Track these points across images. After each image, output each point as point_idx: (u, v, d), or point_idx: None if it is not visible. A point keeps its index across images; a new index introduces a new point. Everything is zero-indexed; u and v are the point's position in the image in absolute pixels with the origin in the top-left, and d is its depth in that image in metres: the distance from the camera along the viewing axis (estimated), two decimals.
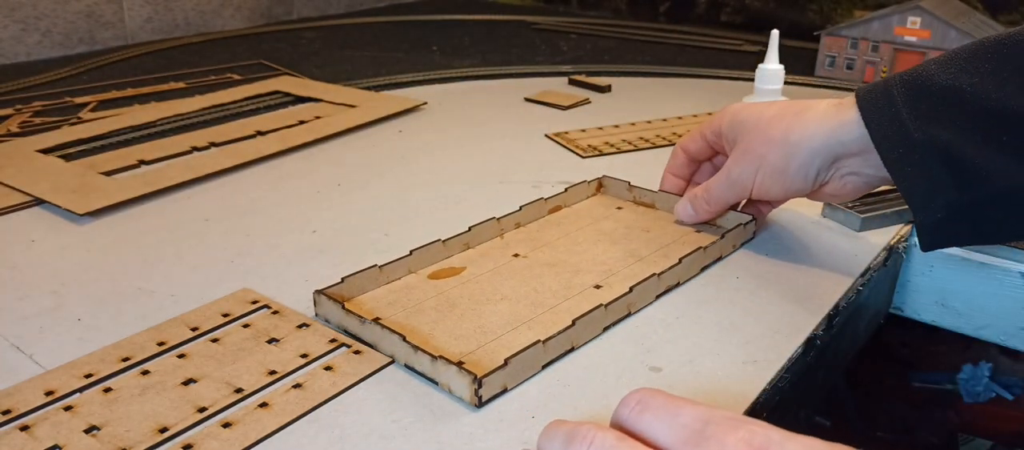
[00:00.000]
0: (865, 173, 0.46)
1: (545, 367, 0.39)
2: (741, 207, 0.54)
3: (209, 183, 0.64)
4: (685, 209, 0.53)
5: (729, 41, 1.19)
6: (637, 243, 0.52)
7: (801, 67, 0.99)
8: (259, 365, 0.39)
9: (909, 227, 0.56)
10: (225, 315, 0.44)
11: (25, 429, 0.35)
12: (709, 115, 0.81)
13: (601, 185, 0.61)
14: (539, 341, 0.38)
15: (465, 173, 0.66)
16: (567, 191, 0.58)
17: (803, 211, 0.58)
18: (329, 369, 0.39)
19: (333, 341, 0.41)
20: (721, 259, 0.51)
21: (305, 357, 0.40)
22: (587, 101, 0.88)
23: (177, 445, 0.34)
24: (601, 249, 0.51)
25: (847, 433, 0.89)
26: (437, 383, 0.38)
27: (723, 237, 0.50)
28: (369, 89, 0.92)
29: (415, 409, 0.36)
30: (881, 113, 0.43)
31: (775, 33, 0.65)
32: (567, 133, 0.76)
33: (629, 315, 0.44)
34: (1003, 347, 0.59)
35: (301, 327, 0.43)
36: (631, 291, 0.43)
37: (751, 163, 0.48)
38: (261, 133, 0.75)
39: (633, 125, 0.78)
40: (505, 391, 0.37)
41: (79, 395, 0.37)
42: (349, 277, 0.45)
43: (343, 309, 0.42)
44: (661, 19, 1.41)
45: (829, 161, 0.46)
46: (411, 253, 0.48)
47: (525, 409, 0.36)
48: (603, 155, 0.70)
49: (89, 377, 0.38)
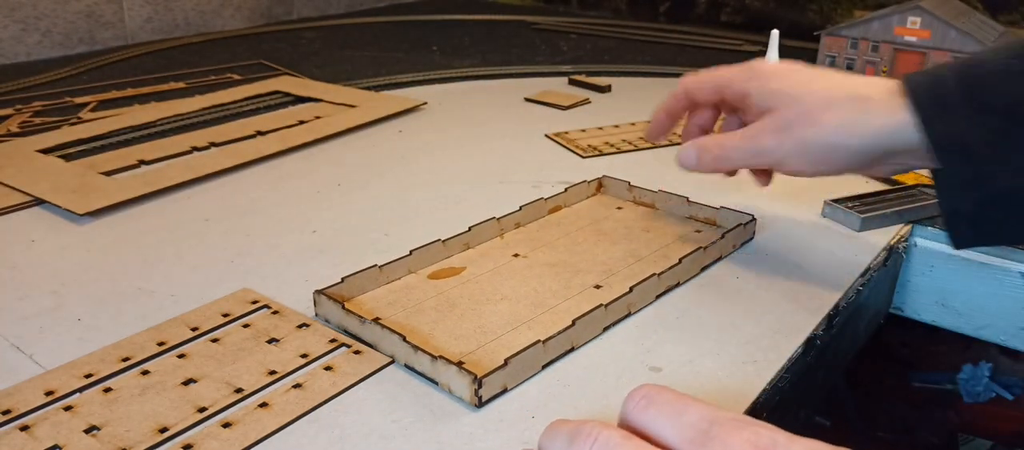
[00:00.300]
0: (914, 164, 0.44)
1: (545, 367, 0.39)
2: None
3: (209, 183, 0.64)
4: (689, 156, 0.48)
5: (729, 41, 1.19)
6: (637, 243, 0.52)
7: None
8: (259, 365, 0.39)
9: (909, 227, 0.56)
10: (225, 315, 0.44)
11: (25, 429, 0.35)
12: None
13: (601, 185, 0.61)
14: (539, 341, 0.38)
15: (465, 173, 0.66)
16: (567, 191, 0.58)
17: (803, 211, 0.58)
18: (329, 369, 0.39)
19: (333, 341, 0.41)
20: (721, 259, 0.51)
21: (305, 357, 0.40)
22: (587, 101, 0.88)
23: (177, 445, 0.34)
24: (601, 249, 0.51)
25: (847, 433, 0.89)
26: (437, 383, 0.38)
27: (723, 237, 0.50)
28: (369, 89, 0.92)
29: (415, 409, 0.36)
30: (942, 121, 0.40)
31: (775, 33, 0.65)
32: (567, 133, 0.76)
33: (629, 315, 0.44)
34: (1003, 347, 0.59)
35: (301, 327, 0.43)
36: (631, 291, 0.43)
37: (788, 142, 0.43)
38: (261, 133, 0.75)
39: (633, 125, 0.78)
40: (505, 391, 0.37)
41: (79, 395, 0.37)
42: (349, 277, 0.45)
43: (343, 309, 0.42)
44: (661, 19, 1.41)
45: (879, 157, 0.43)
46: (411, 253, 0.48)
47: (525, 409, 0.36)
48: (603, 155, 0.70)
49: (89, 377, 0.38)
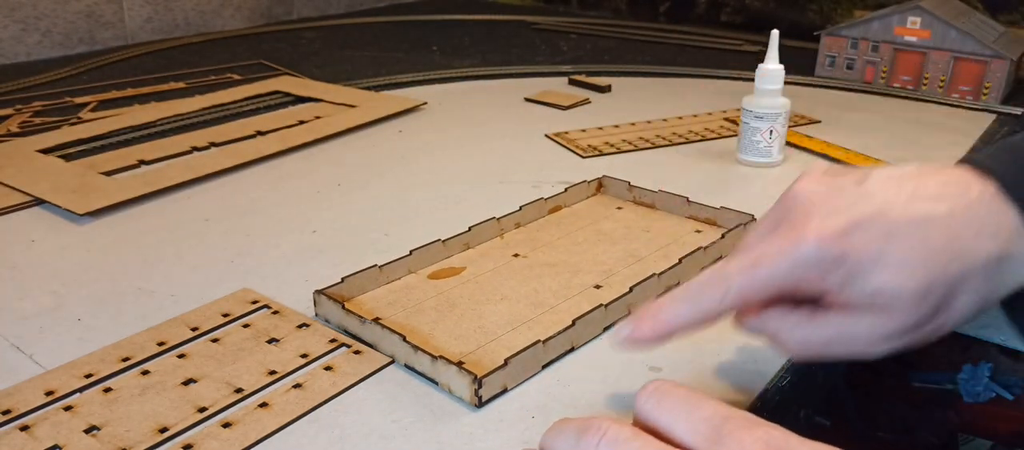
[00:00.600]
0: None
1: (545, 367, 0.39)
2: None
3: (209, 183, 0.64)
4: (808, 345, 0.33)
5: (729, 41, 1.19)
6: (637, 243, 0.52)
7: (801, 67, 0.99)
8: (259, 365, 0.39)
9: None
10: (225, 315, 0.44)
11: (25, 429, 0.35)
12: (709, 115, 0.81)
13: (601, 185, 0.61)
14: (539, 341, 0.38)
15: (465, 173, 0.66)
16: (567, 191, 0.58)
17: None
18: (329, 369, 0.39)
19: (333, 341, 0.41)
20: (721, 259, 0.51)
21: (305, 357, 0.40)
22: (587, 101, 0.88)
23: (177, 445, 0.34)
24: (601, 249, 0.51)
25: (847, 433, 0.89)
26: (437, 383, 0.38)
27: (723, 237, 0.50)
28: (369, 89, 0.92)
29: (415, 409, 0.36)
30: None
31: (775, 33, 0.65)
32: (567, 133, 0.76)
33: (629, 315, 0.44)
34: (1003, 347, 0.59)
35: (301, 327, 0.43)
36: (631, 291, 0.43)
37: (915, 338, 0.32)
38: (261, 133, 0.75)
39: (633, 125, 0.78)
40: (505, 391, 0.37)
41: (79, 395, 0.37)
42: (349, 277, 0.45)
43: (343, 309, 0.42)
44: (661, 19, 1.41)
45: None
46: (411, 253, 0.48)
47: (525, 409, 0.36)
48: (603, 155, 0.70)
49: (89, 377, 0.38)
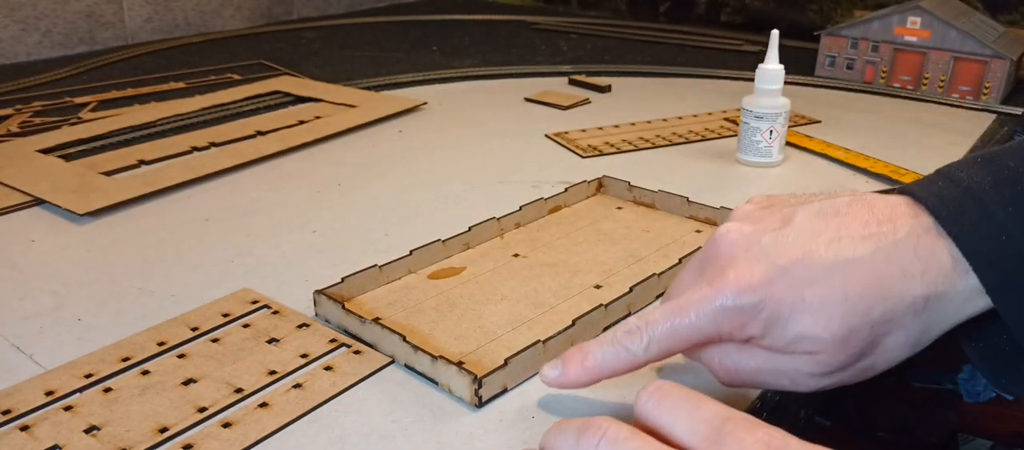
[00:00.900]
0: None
1: None
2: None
3: (209, 183, 0.64)
4: (734, 378, 0.35)
5: (729, 41, 1.19)
6: (637, 243, 0.52)
7: (801, 67, 0.99)
8: (259, 365, 0.39)
9: None
10: (225, 315, 0.44)
11: (25, 429, 0.35)
12: (709, 115, 0.81)
13: (601, 185, 0.61)
14: (539, 341, 0.38)
15: (465, 173, 0.66)
16: (567, 191, 0.58)
17: None
18: (329, 369, 0.39)
19: (333, 341, 0.41)
20: None
21: (305, 357, 0.40)
22: (587, 101, 0.88)
23: (177, 445, 0.34)
24: (601, 249, 0.51)
25: (847, 433, 0.89)
26: (437, 383, 0.38)
27: None
28: (369, 89, 0.92)
29: (415, 409, 0.36)
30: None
31: (775, 33, 0.65)
32: (567, 133, 0.76)
33: (629, 315, 0.44)
34: None
35: (301, 327, 0.43)
36: (631, 291, 0.43)
37: (845, 377, 0.36)
38: (261, 133, 0.75)
39: (633, 125, 0.78)
40: (505, 391, 0.37)
41: (79, 395, 0.37)
42: (349, 277, 0.45)
43: (343, 309, 0.42)
44: (661, 19, 1.41)
45: None
46: (411, 253, 0.48)
47: (525, 409, 0.36)
48: (603, 155, 0.70)
49: (89, 377, 0.38)
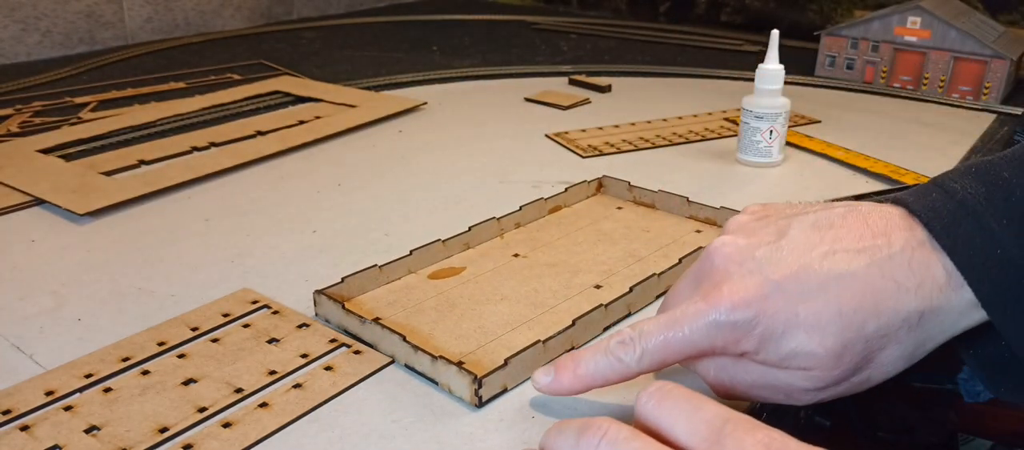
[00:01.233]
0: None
1: None
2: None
3: (209, 183, 0.64)
4: (730, 392, 0.35)
5: (729, 41, 1.19)
6: (637, 243, 0.52)
7: (801, 67, 0.99)
8: (259, 365, 0.39)
9: None
10: (225, 315, 0.44)
11: (25, 429, 0.35)
12: (709, 115, 0.81)
13: (601, 185, 0.61)
14: (539, 341, 0.38)
15: (465, 173, 0.66)
16: (567, 191, 0.58)
17: None
18: (329, 369, 0.39)
19: (333, 341, 0.41)
20: None
21: (305, 357, 0.40)
22: (587, 101, 0.88)
23: (177, 445, 0.34)
24: (601, 249, 0.51)
25: (847, 433, 0.89)
26: (437, 383, 0.38)
27: None
28: (369, 89, 0.92)
29: (415, 409, 0.36)
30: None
31: (775, 33, 0.65)
32: (567, 133, 0.76)
33: (629, 315, 0.44)
34: None
35: (301, 327, 0.43)
36: (631, 291, 0.43)
37: (838, 391, 0.34)
38: (261, 133, 0.75)
39: (633, 125, 0.78)
40: (505, 391, 0.37)
41: (79, 395, 0.37)
42: (349, 277, 0.45)
43: (343, 309, 0.42)
44: (661, 19, 1.41)
45: None
46: (411, 253, 0.48)
47: (525, 409, 0.36)
48: (603, 155, 0.70)
49: (89, 377, 0.38)
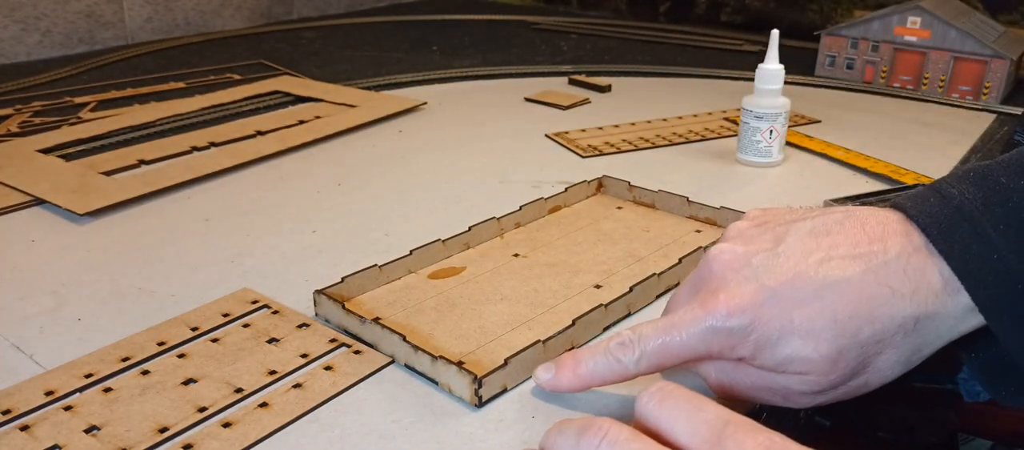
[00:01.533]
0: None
1: None
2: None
3: (209, 183, 0.64)
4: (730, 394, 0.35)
5: (729, 41, 1.19)
6: (637, 243, 0.52)
7: (801, 67, 0.99)
8: (259, 365, 0.39)
9: None
10: (225, 315, 0.44)
11: (25, 429, 0.35)
12: (709, 115, 0.81)
13: (601, 185, 0.61)
14: (539, 341, 0.38)
15: (465, 173, 0.66)
16: (567, 191, 0.58)
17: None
18: (329, 369, 0.39)
19: (333, 341, 0.41)
20: None
21: (305, 357, 0.40)
22: (587, 101, 0.88)
23: (177, 445, 0.34)
24: (601, 249, 0.51)
25: (847, 433, 0.89)
26: (437, 383, 0.38)
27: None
28: (369, 89, 0.92)
29: (415, 409, 0.36)
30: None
31: (775, 33, 0.65)
32: (567, 133, 0.76)
33: (629, 315, 0.44)
34: None
35: (301, 327, 0.43)
36: (631, 291, 0.43)
37: (837, 394, 0.34)
38: (261, 133, 0.75)
39: (633, 125, 0.78)
40: (505, 391, 0.37)
41: (79, 395, 0.37)
42: (349, 277, 0.45)
43: (343, 309, 0.42)
44: (661, 19, 1.41)
45: None
46: (411, 253, 0.48)
47: (525, 409, 0.36)
48: (603, 155, 0.70)
49: (89, 377, 0.38)
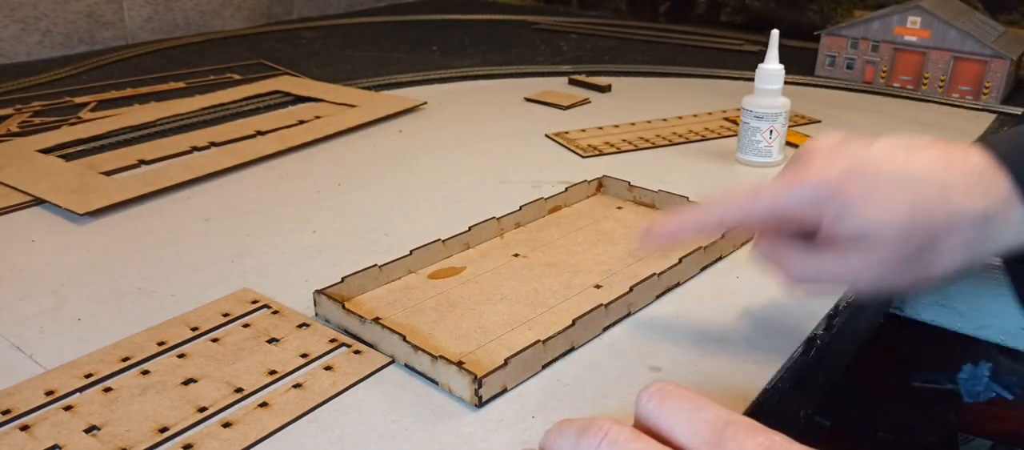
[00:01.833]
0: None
1: (545, 367, 0.39)
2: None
3: (209, 183, 0.64)
4: (800, 272, 0.39)
5: (729, 41, 1.19)
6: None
7: (801, 67, 0.99)
8: (259, 365, 0.39)
9: None
10: (225, 315, 0.44)
11: (25, 429, 0.35)
12: (709, 115, 0.81)
13: (601, 185, 0.61)
14: (539, 341, 0.38)
15: (465, 173, 0.66)
16: (567, 191, 0.58)
17: None
18: (329, 369, 0.39)
19: (333, 341, 0.41)
20: (721, 259, 0.51)
21: (305, 357, 0.40)
22: (587, 101, 0.88)
23: (177, 445, 0.34)
24: (601, 249, 0.51)
25: (847, 433, 0.89)
26: (437, 383, 0.38)
27: (723, 237, 0.50)
28: (369, 89, 0.92)
29: (415, 409, 0.36)
30: None
31: (775, 33, 0.65)
32: (567, 133, 0.76)
33: (629, 315, 0.44)
34: (1003, 347, 0.59)
35: (301, 327, 0.43)
36: (631, 291, 0.43)
37: (902, 275, 0.37)
38: (261, 133, 0.75)
39: (633, 125, 0.78)
40: (505, 391, 0.37)
41: (79, 395, 0.37)
42: (349, 277, 0.45)
43: (343, 309, 0.42)
44: (661, 19, 1.41)
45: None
46: (411, 253, 0.48)
47: (525, 409, 0.36)
48: (603, 155, 0.70)
49: (89, 377, 0.38)
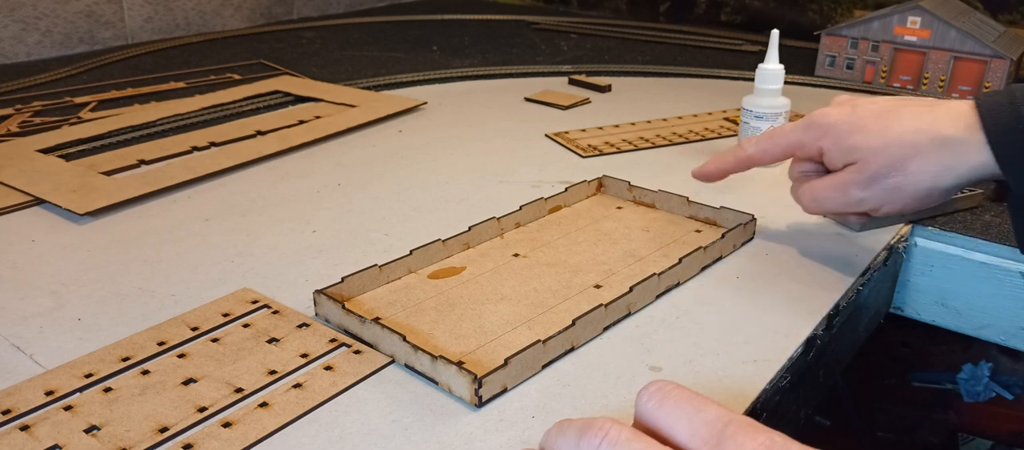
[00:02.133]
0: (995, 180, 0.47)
1: (545, 367, 0.39)
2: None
3: (209, 183, 0.64)
4: (807, 198, 0.51)
5: (729, 41, 1.19)
6: (637, 243, 0.52)
7: (801, 67, 0.99)
8: (259, 365, 0.39)
9: (909, 227, 0.56)
10: (225, 315, 0.44)
11: (25, 429, 0.35)
12: (709, 115, 0.82)
13: (601, 185, 0.61)
14: (539, 341, 0.38)
15: (465, 173, 0.66)
16: (567, 191, 0.58)
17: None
18: (329, 369, 0.39)
19: (333, 341, 0.41)
20: (721, 259, 0.51)
21: (305, 357, 0.40)
22: (587, 101, 0.88)
23: (177, 445, 0.34)
24: (601, 249, 0.51)
25: (847, 433, 0.89)
26: (437, 383, 0.38)
27: (723, 237, 0.50)
28: (369, 89, 0.92)
29: (415, 409, 0.36)
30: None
31: (775, 33, 0.65)
32: (567, 133, 0.76)
33: (629, 315, 0.44)
34: (1003, 347, 0.59)
35: (301, 327, 0.43)
36: (631, 291, 0.43)
37: (879, 192, 0.47)
38: (261, 133, 0.75)
39: (633, 125, 0.78)
40: (505, 391, 0.37)
41: (79, 395, 0.37)
42: (349, 277, 0.45)
43: (343, 309, 0.42)
44: (661, 19, 1.41)
45: (965, 186, 0.47)
46: (411, 253, 0.48)
47: (525, 409, 0.36)
48: (603, 155, 0.70)
49: (89, 377, 0.38)
